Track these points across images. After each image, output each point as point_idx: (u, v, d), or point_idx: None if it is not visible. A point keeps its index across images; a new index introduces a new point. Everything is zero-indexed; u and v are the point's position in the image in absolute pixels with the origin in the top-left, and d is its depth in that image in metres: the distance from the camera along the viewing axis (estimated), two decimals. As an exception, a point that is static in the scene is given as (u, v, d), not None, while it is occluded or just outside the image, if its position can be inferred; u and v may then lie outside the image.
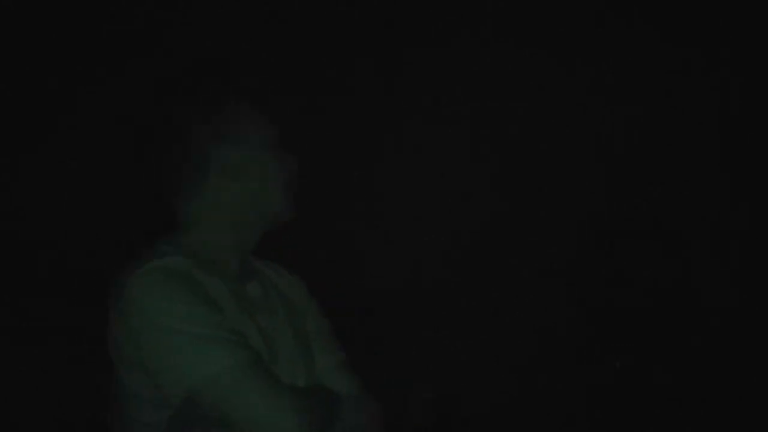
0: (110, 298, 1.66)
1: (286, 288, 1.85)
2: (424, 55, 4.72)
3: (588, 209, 4.56)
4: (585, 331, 4.59)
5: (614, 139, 4.56)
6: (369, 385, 1.79)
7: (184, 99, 1.75)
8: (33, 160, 4.25)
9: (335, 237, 4.69)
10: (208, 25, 4.39)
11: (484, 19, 4.57)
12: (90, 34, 4.14)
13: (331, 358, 1.80)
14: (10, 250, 4.23)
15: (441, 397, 4.50)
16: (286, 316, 1.78)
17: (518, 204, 4.68)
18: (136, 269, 1.62)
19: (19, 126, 4.19)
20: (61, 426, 4.13)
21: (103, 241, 4.04)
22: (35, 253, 4.22)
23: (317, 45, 4.71)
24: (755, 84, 4.38)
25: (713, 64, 4.37)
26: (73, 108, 4.27)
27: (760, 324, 4.32)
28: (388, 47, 4.70)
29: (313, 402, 1.63)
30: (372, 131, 4.77)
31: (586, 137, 4.57)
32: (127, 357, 1.62)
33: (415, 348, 4.62)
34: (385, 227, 4.77)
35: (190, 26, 4.31)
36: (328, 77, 4.74)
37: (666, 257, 4.53)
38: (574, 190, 4.60)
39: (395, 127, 4.77)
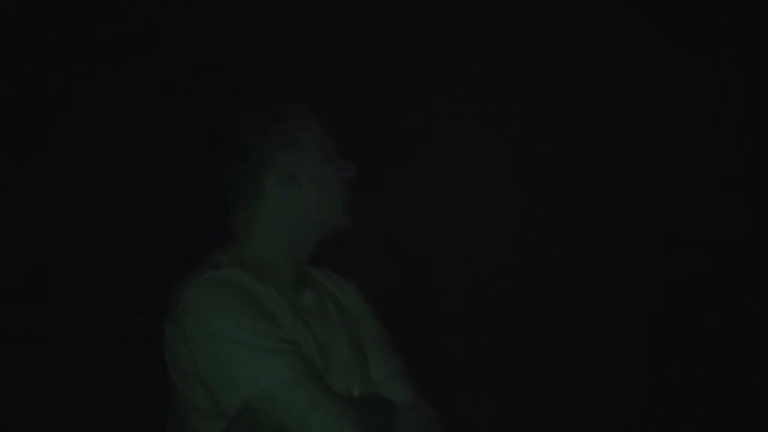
0: (167, 310, 1.68)
1: (341, 295, 1.87)
2: (428, 55, 4.72)
3: (619, 206, 4.57)
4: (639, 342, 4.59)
5: (621, 138, 4.56)
6: (427, 393, 1.81)
7: (244, 108, 1.75)
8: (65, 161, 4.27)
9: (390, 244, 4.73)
10: (208, 24, 4.39)
11: (487, 18, 4.57)
12: (92, 33, 4.14)
13: (387, 365, 1.81)
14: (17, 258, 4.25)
15: (498, 408, 4.50)
16: (342, 324, 1.80)
17: (525, 207, 4.68)
18: (192, 280, 1.65)
19: (24, 131, 4.20)
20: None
21: (153, 248, 4.05)
22: (73, 260, 4.24)
23: (317, 45, 4.71)
24: (756, 83, 4.37)
25: (715, 63, 4.37)
26: (105, 110, 4.28)
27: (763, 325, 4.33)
28: (389, 47, 4.71)
29: (368, 411, 1.64)
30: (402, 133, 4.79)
31: (593, 136, 4.58)
32: (183, 368, 1.64)
33: (475, 357, 4.63)
34: (443, 234, 4.78)
35: (189, 26, 4.32)
36: (328, 78, 4.75)
37: (672, 257, 4.51)
38: (584, 192, 4.61)
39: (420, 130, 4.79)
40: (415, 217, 4.75)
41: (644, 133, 4.52)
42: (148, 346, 1.92)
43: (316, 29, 4.66)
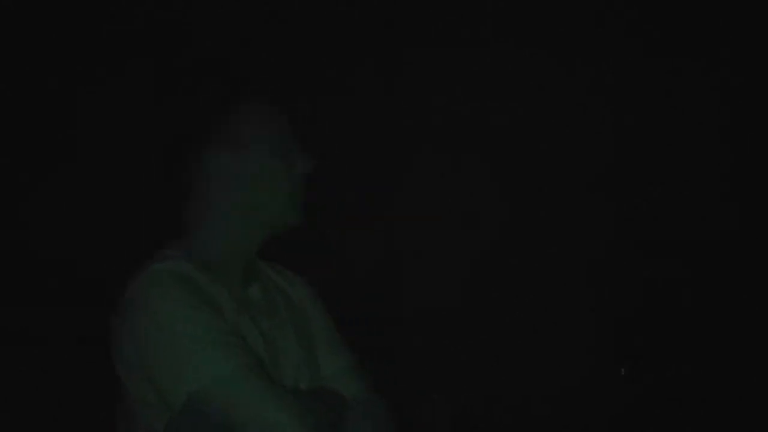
0: (116, 303, 1.67)
1: (291, 291, 1.85)
2: (430, 57, 4.74)
3: (605, 213, 4.57)
4: (606, 338, 4.60)
5: (621, 142, 4.56)
6: (386, 391, 1.79)
7: (186, 101, 1.73)
8: (38, 166, 4.27)
9: (341, 242, 4.71)
10: (207, 24, 4.40)
11: (485, 18, 4.59)
12: (90, 34, 4.15)
13: (339, 360, 1.80)
14: (18, 258, 4.25)
15: (457, 406, 4.51)
16: (289, 318, 1.79)
17: (525, 207, 4.69)
18: (138, 273, 1.65)
19: (22, 132, 4.20)
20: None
21: (110, 248, 4.05)
22: (42, 261, 4.24)
23: (317, 46, 4.72)
24: (758, 84, 4.36)
25: (716, 64, 4.37)
26: (76, 110, 4.28)
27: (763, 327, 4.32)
28: (389, 48, 4.72)
29: (314, 405, 1.63)
30: (382, 136, 4.80)
31: (593, 139, 4.58)
32: (128, 360, 1.63)
33: (433, 357, 4.63)
34: (410, 236, 4.79)
35: (189, 26, 4.32)
36: (328, 78, 4.76)
37: (672, 262, 4.50)
38: (605, 201, 4.62)
39: (405, 131, 4.79)
40: (428, 221, 4.78)
41: (640, 135, 4.54)
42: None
43: (317, 30, 4.67)
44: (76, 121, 4.16)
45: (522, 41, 4.52)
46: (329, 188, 4.71)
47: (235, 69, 1.77)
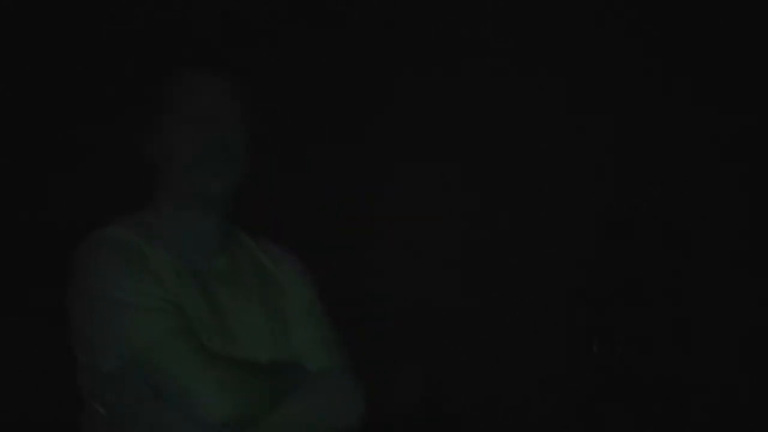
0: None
1: (272, 264, 1.87)
2: (426, 61, 4.83)
3: (586, 204, 4.66)
4: (575, 324, 4.65)
5: (615, 139, 4.64)
6: (361, 366, 1.80)
7: (136, 83, 1.82)
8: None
9: (333, 231, 4.77)
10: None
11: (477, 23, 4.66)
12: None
13: (311, 333, 1.81)
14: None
15: (428, 383, 4.57)
16: (258, 290, 1.80)
17: (510, 199, 4.77)
18: (83, 241, 1.70)
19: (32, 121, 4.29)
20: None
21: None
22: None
23: (313, 50, 4.81)
24: (757, 82, 4.44)
25: (717, 63, 4.42)
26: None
27: (757, 320, 4.41)
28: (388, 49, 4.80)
29: (255, 376, 1.66)
30: (376, 135, 4.88)
31: (587, 139, 4.64)
32: (72, 324, 1.70)
33: (406, 336, 4.71)
34: (382, 220, 4.86)
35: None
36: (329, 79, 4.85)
37: (663, 252, 4.59)
38: (568, 187, 4.67)
39: (400, 128, 4.87)
40: (410, 210, 4.85)
41: (613, 121, 4.59)
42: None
43: (312, 31, 4.76)
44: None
45: (523, 42, 4.61)
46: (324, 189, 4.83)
47: (188, 53, 1.83)
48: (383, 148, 4.90)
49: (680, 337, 4.52)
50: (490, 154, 4.78)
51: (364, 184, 4.91)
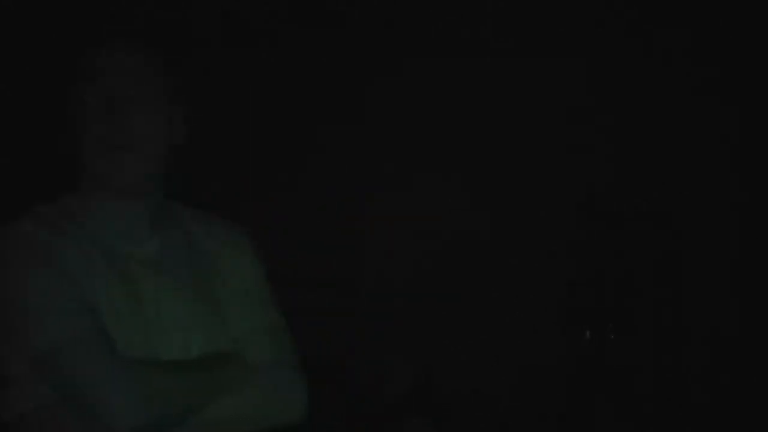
0: None
1: (214, 246, 1.72)
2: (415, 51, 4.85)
3: (576, 192, 4.64)
4: (567, 312, 4.66)
5: (605, 125, 4.62)
6: (348, 354, 1.65)
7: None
8: None
9: (320, 217, 4.79)
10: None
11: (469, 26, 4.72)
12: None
13: (251, 322, 1.68)
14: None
15: (417, 370, 4.57)
16: (193, 277, 1.67)
17: (500, 188, 4.76)
18: None
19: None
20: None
21: None
22: None
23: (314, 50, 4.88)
24: (758, 77, 4.43)
25: (718, 55, 4.42)
26: None
27: (749, 307, 4.41)
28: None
29: (172, 377, 1.54)
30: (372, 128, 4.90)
31: (577, 126, 4.65)
32: None
33: (395, 322, 4.68)
34: (371, 205, 4.85)
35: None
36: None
37: (656, 238, 4.59)
38: (557, 175, 4.68)
39: (393, 117, 4.88)
40: (398, 195, 4.86)
41: (640, 123, 4.59)
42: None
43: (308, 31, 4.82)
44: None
45: (515, 28, 4.63)
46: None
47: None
48: (379, 137, 4.91)
49: (675, 324, 4.53)
50: (480, 144, 4.81)
51: (354, 175, 4.91)
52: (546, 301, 4.62)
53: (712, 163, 4.48)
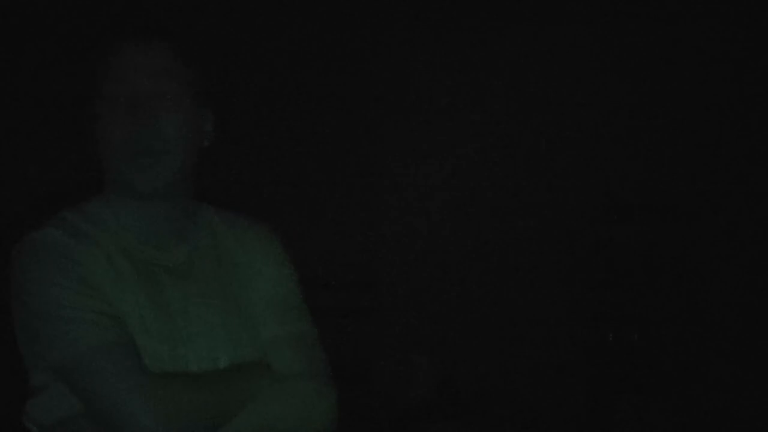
0: None
1: (241, 250, 1.68)
2: (423, 40, 4.83)
3: (594, 188, 4.63)
4: (590, 311, 4.63)
5: (618, 121, 4.62)
6: (367, 354, 1.60)
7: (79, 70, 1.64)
8: None
9: (338, 210, 4.81)
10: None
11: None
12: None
13: (278, 329, 1.64)
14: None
15: (441, 370, 4.58)
16: (222, 284, 1.63)
17: (522, 179, 4.77)
18: (19, 242, 1.57)
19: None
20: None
21: None
22: None
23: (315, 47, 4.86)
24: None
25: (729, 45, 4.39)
26: None
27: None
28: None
29: (197, 388, 1.51)
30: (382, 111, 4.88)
31: (590, 121, 4.65)
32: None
33: (418, 322, 4.71)
34: (389, 200, 4.88)
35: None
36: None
37: (678, 236, 4.55)
38: (583, 170, 4.68)
39: (404, 100, 4.88)
40: (419, 190, 4.89)
41: (654, 114, 4.56)
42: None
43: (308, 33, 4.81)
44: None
45: (527, 16, 4.59)
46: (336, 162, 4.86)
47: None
48: (400, 133, 4.93)
49: (697, 322, 4.48)
50: (504, 142, 4.82)
51: (370, 170, 4.92)
52: (569, 301, 4.60)
53: (735, 158, 4.44)
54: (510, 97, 4.77)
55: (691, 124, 4.48)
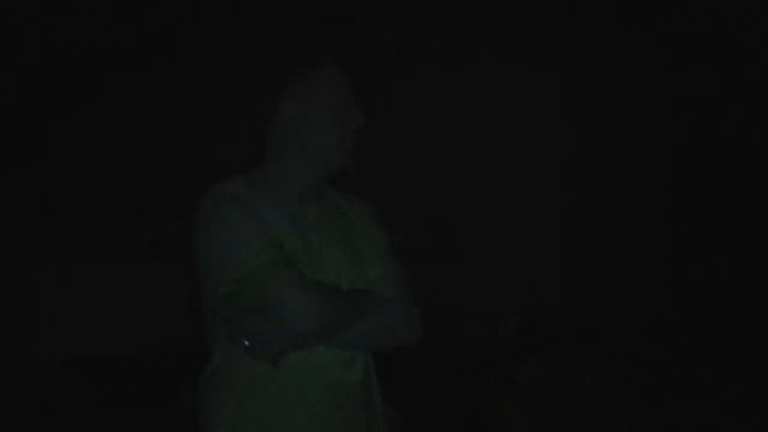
0: None
1: (352, 212, 2.32)
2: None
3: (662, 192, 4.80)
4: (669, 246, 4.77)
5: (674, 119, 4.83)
6: (452, 303, 1.99)
7: (271, 71, 2.24)
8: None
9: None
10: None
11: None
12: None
13: (380, 267, 2.25)
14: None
15: (524, 316, 4.69)
16: (340, 233, 2.25)
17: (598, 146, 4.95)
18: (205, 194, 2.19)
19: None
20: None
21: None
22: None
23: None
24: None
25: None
26: None
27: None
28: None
29: (337, 297, 2.10)
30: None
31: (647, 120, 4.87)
32: (196, 261, 2.16)
33: (501, 269, 4.88)
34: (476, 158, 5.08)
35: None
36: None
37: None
38: (647, 172, 4.86)
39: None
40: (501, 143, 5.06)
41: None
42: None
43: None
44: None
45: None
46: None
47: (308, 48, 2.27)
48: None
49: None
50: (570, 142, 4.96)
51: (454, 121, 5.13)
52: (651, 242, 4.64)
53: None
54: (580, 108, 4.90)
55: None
